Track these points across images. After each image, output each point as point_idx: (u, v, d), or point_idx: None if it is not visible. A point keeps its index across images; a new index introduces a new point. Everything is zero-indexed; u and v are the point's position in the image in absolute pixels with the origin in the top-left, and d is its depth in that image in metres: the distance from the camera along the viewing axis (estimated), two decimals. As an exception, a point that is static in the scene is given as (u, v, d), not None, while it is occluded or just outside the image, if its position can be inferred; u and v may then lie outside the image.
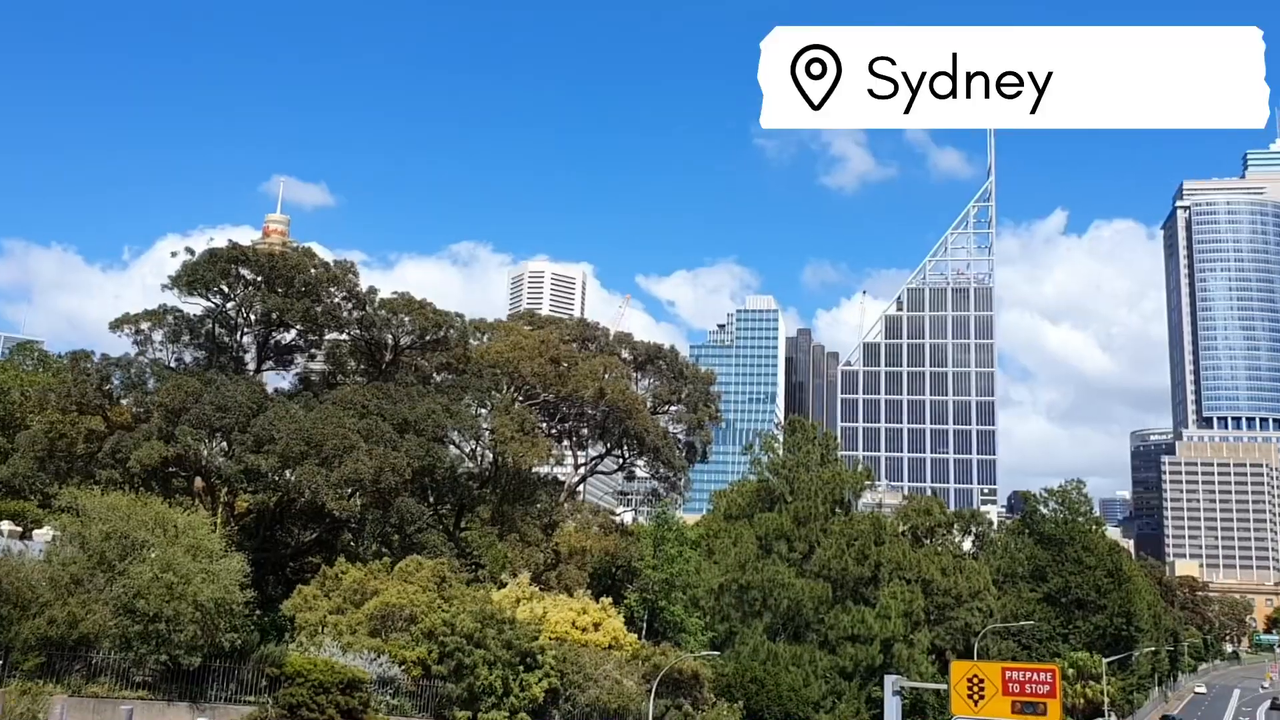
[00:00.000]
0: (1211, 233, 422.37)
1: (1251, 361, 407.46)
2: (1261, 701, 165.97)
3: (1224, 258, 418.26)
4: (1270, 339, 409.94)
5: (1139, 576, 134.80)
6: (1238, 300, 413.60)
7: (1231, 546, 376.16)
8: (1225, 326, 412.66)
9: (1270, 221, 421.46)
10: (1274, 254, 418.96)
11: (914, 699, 70.67)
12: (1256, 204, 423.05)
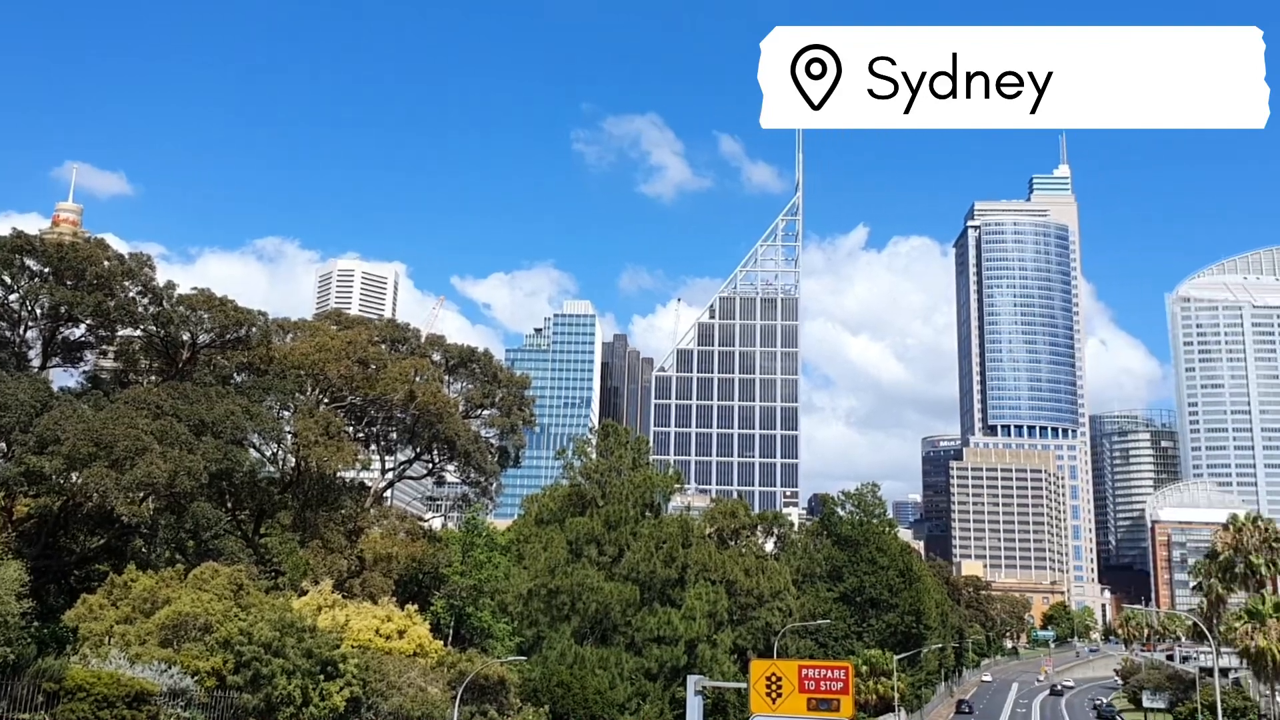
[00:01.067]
0: (999, 251, 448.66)
1: (1033, 373, 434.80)
2: (1038, 693, 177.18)
3: (1010, 275, 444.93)
4: (1050, 352, 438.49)
5: (928, 576, 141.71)
6: (1021, 315, 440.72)
7: (1013, 547, 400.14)
8: (1010, 340, 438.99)
9: (1052, 242, 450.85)
10: (1055, 273, 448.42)
11: (716, 698, 72.43)
12: (1040, 225, 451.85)
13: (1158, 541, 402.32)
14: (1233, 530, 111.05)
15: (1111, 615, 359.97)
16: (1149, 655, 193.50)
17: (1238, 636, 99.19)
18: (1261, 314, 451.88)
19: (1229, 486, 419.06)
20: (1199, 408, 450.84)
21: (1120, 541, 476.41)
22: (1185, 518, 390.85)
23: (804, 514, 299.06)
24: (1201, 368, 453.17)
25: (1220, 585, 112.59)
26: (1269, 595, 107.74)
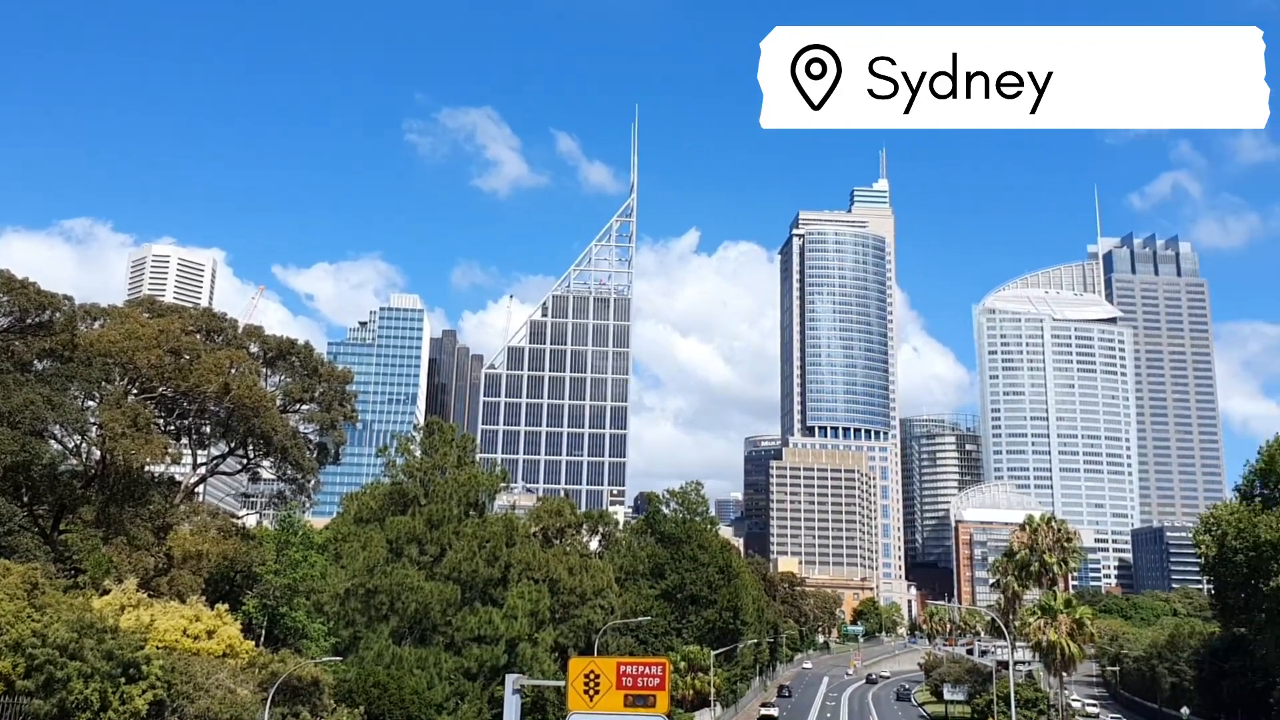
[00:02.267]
0: (821, 260, 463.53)
1: (849, 377, 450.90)
2: (847, 686, 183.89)
3: (830, 283, 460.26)
4: (865, 358, 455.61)
5: (746, 573, 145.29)
6: (840, 322, 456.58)
7: (826, 545, 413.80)
8: (829, 344, 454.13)
9: (870, 252, 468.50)
10: (872, 282, 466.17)
11: (536, 696, 72.52)
12: (860, 236, 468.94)
13: (961, 540, 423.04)
14: (1029, 531, 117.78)
15: (917, 611, 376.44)
16: (950, 649, 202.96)
17: (1031, 631, 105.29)
18: (1060, 327, 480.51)
19: (1027, 489, 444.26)
20: (1001, 413, 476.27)
21: (926, 540, 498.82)
22: (986, 518, 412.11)
23: (630, 512, 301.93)
24: (1004, 376, 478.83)
25: (1016, 582, 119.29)
26: (1060, 592, 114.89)
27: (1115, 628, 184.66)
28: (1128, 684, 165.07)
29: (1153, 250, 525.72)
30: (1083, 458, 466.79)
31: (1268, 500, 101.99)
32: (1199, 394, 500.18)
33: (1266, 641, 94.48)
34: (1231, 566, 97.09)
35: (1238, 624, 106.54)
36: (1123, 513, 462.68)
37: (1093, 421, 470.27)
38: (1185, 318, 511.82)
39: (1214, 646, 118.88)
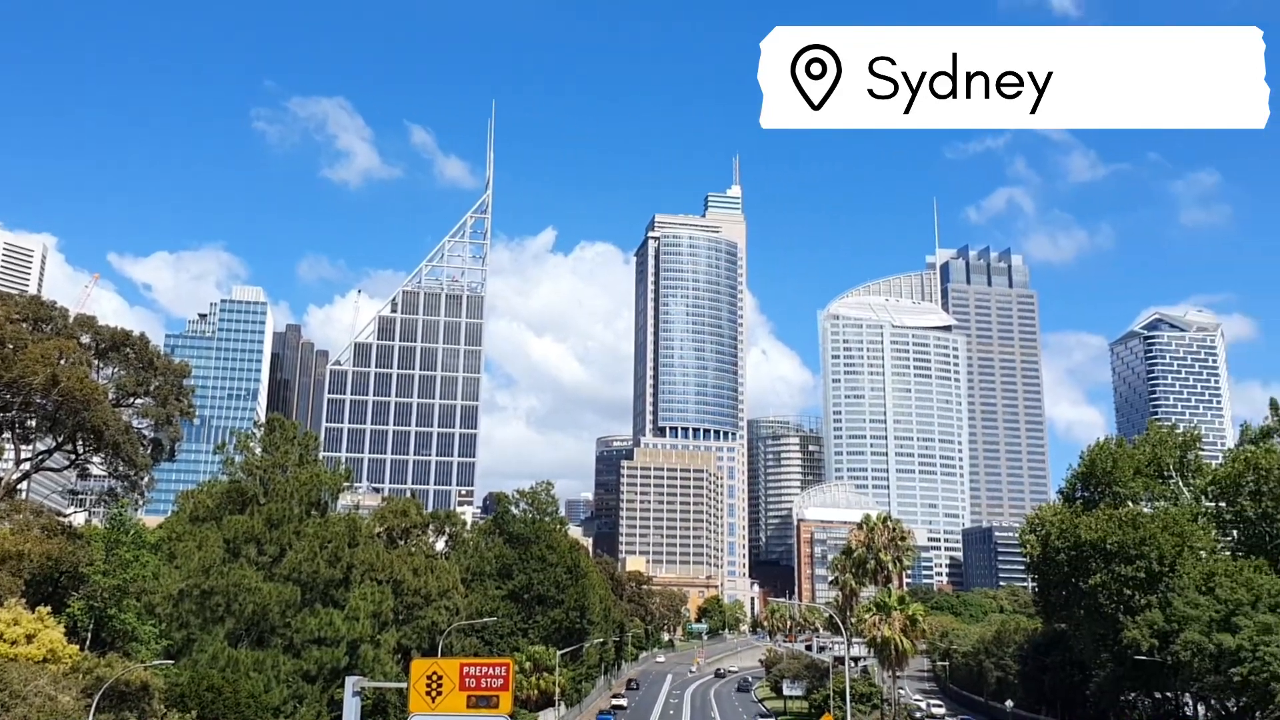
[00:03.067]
0: (675, 263, 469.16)
1: (700, 379, 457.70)
2: (690, 683, 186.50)
3: (684, 286, 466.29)
4: (716, 360, 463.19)
5: (594, 573, 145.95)
6: (692, 325, 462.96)
7: (674, 544, 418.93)
8: (681, 347, 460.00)
9: (723, 257, 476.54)
10: (724, 286, 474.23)
11: (377, 699, 71.48)
12: (713, 241, 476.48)
13: (802, 539, 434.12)
14: (866, 530, 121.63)
15: (760, 608, 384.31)
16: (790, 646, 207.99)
17: (867, 627, 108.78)
18: (899, 333, 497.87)
19: (865, 489, 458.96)
20: (842, 416, 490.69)
21: (770, 538, 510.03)
22: (826, 517, 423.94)
23: (479, 513, 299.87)
24: (846, 379, 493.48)
25: (854, 580, 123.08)
26: (895, 589, 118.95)
27: (946, 624, 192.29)
28: (956, 678, 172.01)
29: (987, 262, 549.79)
30: (918, 459, 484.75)
31: (1088, 502, 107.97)
32: (1027, 400, 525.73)
33: (1084, 637, 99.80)
34: (1054, 565, 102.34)
35: (1059, 620, 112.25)
36: (954, 513, 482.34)
37: (928, 425, 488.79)
38: (1016, 327, 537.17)
39: (1036, 642, 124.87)
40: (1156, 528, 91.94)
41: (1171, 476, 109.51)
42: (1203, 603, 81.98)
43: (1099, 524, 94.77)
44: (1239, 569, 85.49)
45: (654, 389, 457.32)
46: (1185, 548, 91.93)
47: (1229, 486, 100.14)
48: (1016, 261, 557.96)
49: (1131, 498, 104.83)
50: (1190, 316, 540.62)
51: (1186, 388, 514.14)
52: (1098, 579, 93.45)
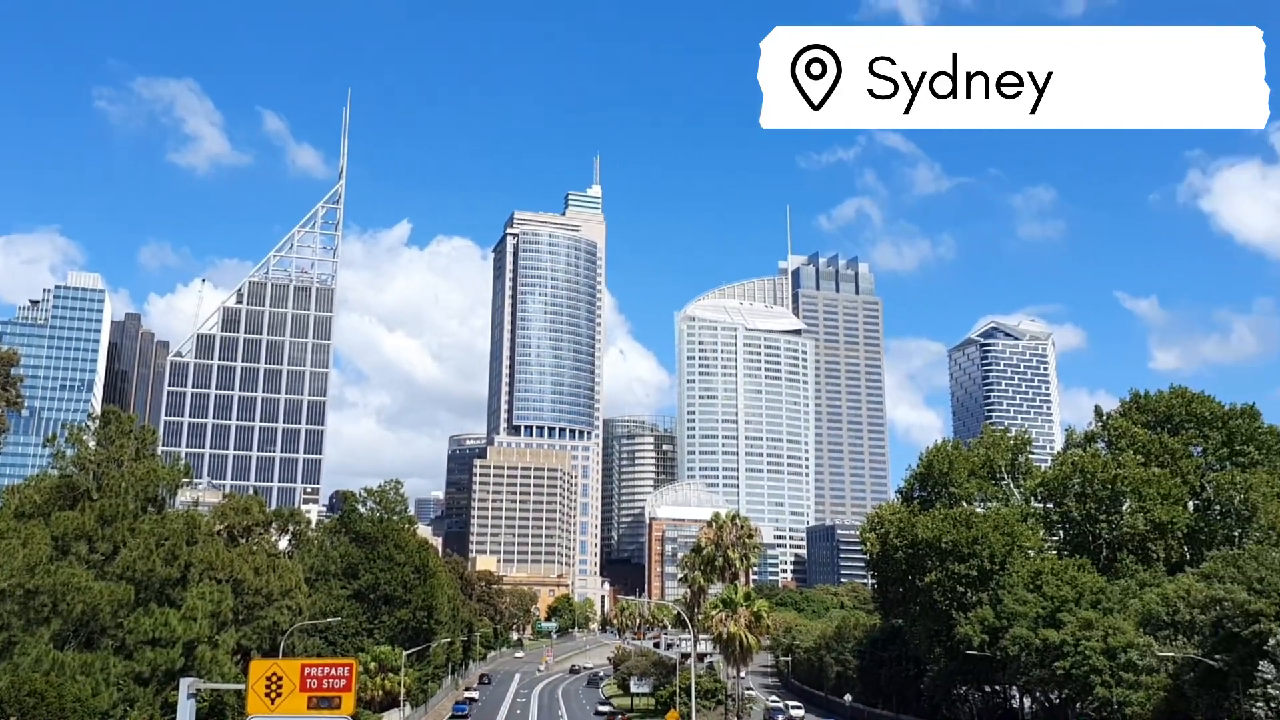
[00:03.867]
0: (534, 261, 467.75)
1: (557, 377, 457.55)
2: (538, 682, 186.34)
3: (542, 284, 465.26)
4: (573, 359, 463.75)
5: (443, 572, 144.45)
6: (550, 323, 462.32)
7: (526, 543, 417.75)
8: (538, 345, 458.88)
9: (582, 256, 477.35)
10: (583, 285, 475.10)
11: (215, 701, 69.30)
12: (573, 240, 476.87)
13: (654, 537, 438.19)
14: (715, 527, 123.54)
15: (610, 606, 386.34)
16: (639, 643, 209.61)
17: (713, 624, 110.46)
18: (752, 336, 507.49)
19: (716, 488, 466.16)
20: (696, 416, 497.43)
21: (623, 537, 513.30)
22: (678, 515, 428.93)
23: (324, 511, 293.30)
24: (700, 380, 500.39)
25: (702, 577, 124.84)
26: (741, 586, 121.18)
27: (789, 620, 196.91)
28: (798, 673, 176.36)
29: (836, 269, 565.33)
30: (766, 459, 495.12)
31: (925, 502, 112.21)
32: (870, 403, 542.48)
33: (919, 632, 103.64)
34: (892, 563, 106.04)
35: (896, 616, 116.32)
36: (800, 511, 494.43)
37: (777, 425, 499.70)
38: (861, 333, 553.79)
39: (875, 637, 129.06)
40: (988, 527, 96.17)
41: (1003, 478, 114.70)
42: (1030, 600, 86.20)
43: (935, 523, 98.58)
44: (1064, 568, 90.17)
45: (509, 387, 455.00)
46: (1015, 547, 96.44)
47: (1056, 488, 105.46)
48: (863, 269, 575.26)
49: (966, 498, 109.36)
50: (1024, 326, 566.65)
51: (1019, 393, 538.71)
52: (933, 576, 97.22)
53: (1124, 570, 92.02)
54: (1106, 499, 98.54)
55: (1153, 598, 75.85)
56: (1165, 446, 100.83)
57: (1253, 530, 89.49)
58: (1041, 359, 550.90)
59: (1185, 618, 69.54)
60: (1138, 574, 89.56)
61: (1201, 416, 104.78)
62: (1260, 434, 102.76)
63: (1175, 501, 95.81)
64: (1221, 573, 69.64)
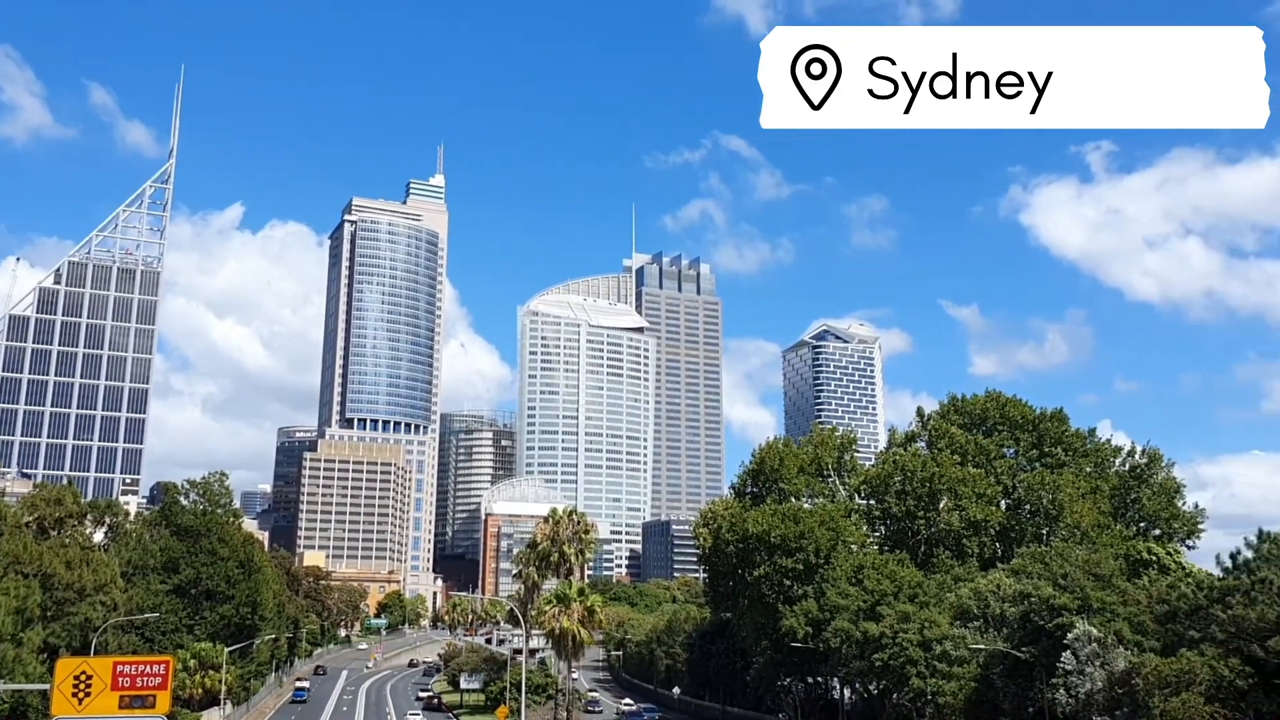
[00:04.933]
0: (373, 249, 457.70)
1: (393, 370, 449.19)
2: (366, 679, 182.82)
3: (381, 273, 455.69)
4: (411, 351, 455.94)
5: (269, 567, 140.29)
6: (387, 314, 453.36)
7: (356, 538, 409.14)
8: (375, 336, 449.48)
9: (423, 246, 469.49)
10: (423, 276, 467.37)
11: (16, 702, 65.66)
12: (414, 229, 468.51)
13: (489, 533, 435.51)
14: (551, 523, 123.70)
15: (442, 603, 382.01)
16: (471, 639, 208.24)
17: (546, 619, 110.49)
18: (595, 332, 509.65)
19: (554, 484, 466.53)
20: (536, 411, 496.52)
21: (457, 532, 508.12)
22: (515, 511, 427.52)
23: (144, 503, 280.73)
24: (542, 376, 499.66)
25: (537, 573, 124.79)
26: (576, 581, 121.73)
27: (623, 614, 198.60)
28: (629, 667, 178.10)
29: (679, 269, 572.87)
30: (606, 455, 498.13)
31: (756, 498, 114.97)
32: (708, 401, 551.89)
33: (746, 625, 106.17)
34: (723, 557, 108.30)
35: (726, 610, 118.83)
36: (637, 507, 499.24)
37: (617, 422, 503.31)
38: (701, 332, 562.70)
39: (704, 631, 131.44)
40: (815, 522, 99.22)
41: (830, 475, 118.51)
42: (852, 593, 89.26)
43: (765, 518, 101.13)
44: (885, 562, 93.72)
45: (343, 378, 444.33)
46: (839, 542, 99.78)
47: (879, 486, 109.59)
48: (705, 270, 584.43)
49: (795, 494, 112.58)
50: (853, 329, 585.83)
51: (847, 394, 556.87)
52: (761, 570, 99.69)
53: (940, 565, 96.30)
54: (925, 496, 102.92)
55: (966, 592, 79.53)
56: (980, 447, 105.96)
57: (1059, 528, 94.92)
58: (869, 361, 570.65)
59: (996, 611, 73.24)
60: (953, 569, 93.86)
61: (1014, 419, 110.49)
62: (1067, 437, 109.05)
63: (989, 500, 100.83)
64: (1029, 569, 73.68)
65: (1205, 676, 50.36)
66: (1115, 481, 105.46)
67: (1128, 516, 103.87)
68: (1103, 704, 58.72)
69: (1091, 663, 59.76)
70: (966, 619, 76.38)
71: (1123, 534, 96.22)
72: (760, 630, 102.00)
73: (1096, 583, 66.65)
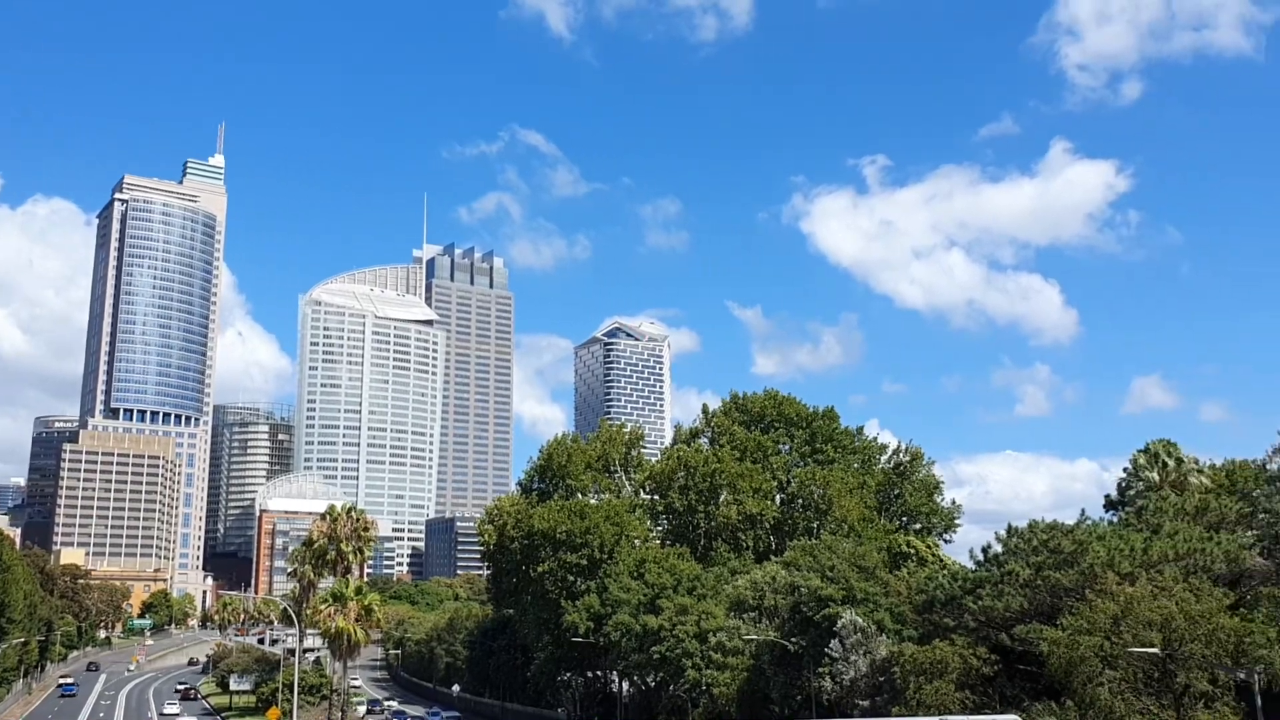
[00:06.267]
0: (145, 230, 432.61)
1: (164, 358, 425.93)
2: (127, 682, 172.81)
3: (154, 256, 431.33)
4: (183, 339, 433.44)
5: (20, 565, 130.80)
6: (159, 299, 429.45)
7: (120, 535, 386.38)
8: (144, 322, 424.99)
9: (200, 229, 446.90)
10: (199, 260, 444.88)
11: None
12: (190, 210, 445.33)
13: (264, 530, 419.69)
14: (329, 520, 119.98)
15: (213, 602, 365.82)
16: (242, 639, 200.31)
17: (322, 618, 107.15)
18: (382, 324, 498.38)
19: (335, 479, 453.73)
20: (317, 405, 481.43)
21: (229, 529, 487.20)
22: (292, 507, 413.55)
23: None
24: (324, 368, 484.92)
25: (313, 571, 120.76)
26: (354, 579, 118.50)
27: (403, 613, 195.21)
28: (408, 666, 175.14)
29: (471, 262, 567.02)
30: (389, 451, 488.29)
31: (543, 494, 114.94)
32: (498, 396, 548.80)
33: (529, 621, 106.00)
34: (508, 554, 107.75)
35: (509, 606, 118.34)
36: (420, 504, 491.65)
37: (402, 417, 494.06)
38: (493, 326, 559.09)
39: (486, 627, 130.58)
40: (600, 518, 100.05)
41: (617, 471, 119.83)
42: (634, 587, 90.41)
43: (551, 514, 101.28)
44: (666, 556, 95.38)
45: (109, 366, 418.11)
46: (624, 536, 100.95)
47: (663, 481, 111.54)
48: (498, 264, 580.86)
49: (582, 490, 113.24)
50: (644, 327, 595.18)
51: (636, 391, 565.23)
52: (546, 566, 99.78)
53: (718, 558, 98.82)
54: (706, 491, 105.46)
55: (742, 584, 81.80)
56: (759, 444, 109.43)
57: (828, 522, 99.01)
58: (658, 359, 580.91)
59: (769, 603, 75.64)
60: (730, 562, 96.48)
61: (790, 417, 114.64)
62: (838, 435, 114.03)
63: (765, 495, 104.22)
64: (800, 561, 76.40)
65: (957, 664, 53.41)
66: (881, 478, 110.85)
67: (891, 511, 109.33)
68: (864, 690, 61.52)
69: (856, 651, 62.49)
70: (742, 610, 78.52)
71: (886, 528, 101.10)
72: (542, 626, 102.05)
73: (861, 574, 69.73)
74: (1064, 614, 47.49)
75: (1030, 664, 51.39)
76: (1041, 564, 53.06)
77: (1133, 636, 42.28)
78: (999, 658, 53.65)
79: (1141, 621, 42.58)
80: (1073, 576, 50.68)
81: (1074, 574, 50.72)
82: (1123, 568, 48.82)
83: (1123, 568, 48.82)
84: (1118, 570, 48.59)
